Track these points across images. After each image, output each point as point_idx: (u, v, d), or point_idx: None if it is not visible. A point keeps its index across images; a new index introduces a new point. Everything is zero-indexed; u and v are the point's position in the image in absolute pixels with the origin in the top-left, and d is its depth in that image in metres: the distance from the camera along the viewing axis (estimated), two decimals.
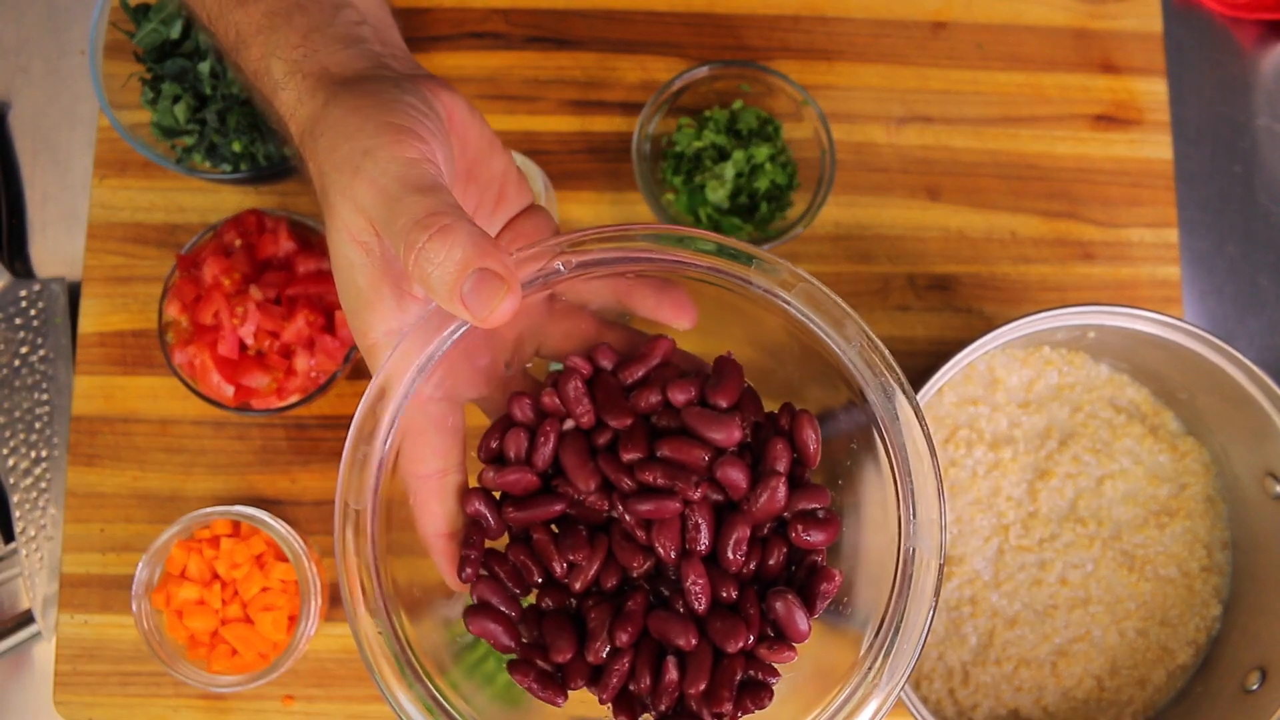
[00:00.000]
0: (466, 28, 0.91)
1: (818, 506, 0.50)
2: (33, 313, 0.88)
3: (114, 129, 0.80)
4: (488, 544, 0.52)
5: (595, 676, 0.49)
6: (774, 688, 0.49)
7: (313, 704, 0.82)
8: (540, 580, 0.51)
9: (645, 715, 0.49)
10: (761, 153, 0.84)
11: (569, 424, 0.51)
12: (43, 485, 0.85)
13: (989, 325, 0.73)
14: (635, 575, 0.50)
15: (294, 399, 0.80)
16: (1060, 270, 0.89)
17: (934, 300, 0.88)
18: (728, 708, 0.47)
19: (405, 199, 0.43)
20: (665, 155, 0.87)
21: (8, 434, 0.86)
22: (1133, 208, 0.90)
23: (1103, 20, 0.93)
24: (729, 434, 0.49)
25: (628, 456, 0.50)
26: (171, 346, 0.79)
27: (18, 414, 0.86)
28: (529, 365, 0.55)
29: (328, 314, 0.80)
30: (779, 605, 0.48)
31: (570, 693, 0.49)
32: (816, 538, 0.49)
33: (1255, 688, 0.74)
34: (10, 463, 0.86)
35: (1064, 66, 0.92)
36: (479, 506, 0.51)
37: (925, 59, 0.91)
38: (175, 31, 0.82)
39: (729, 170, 0.83)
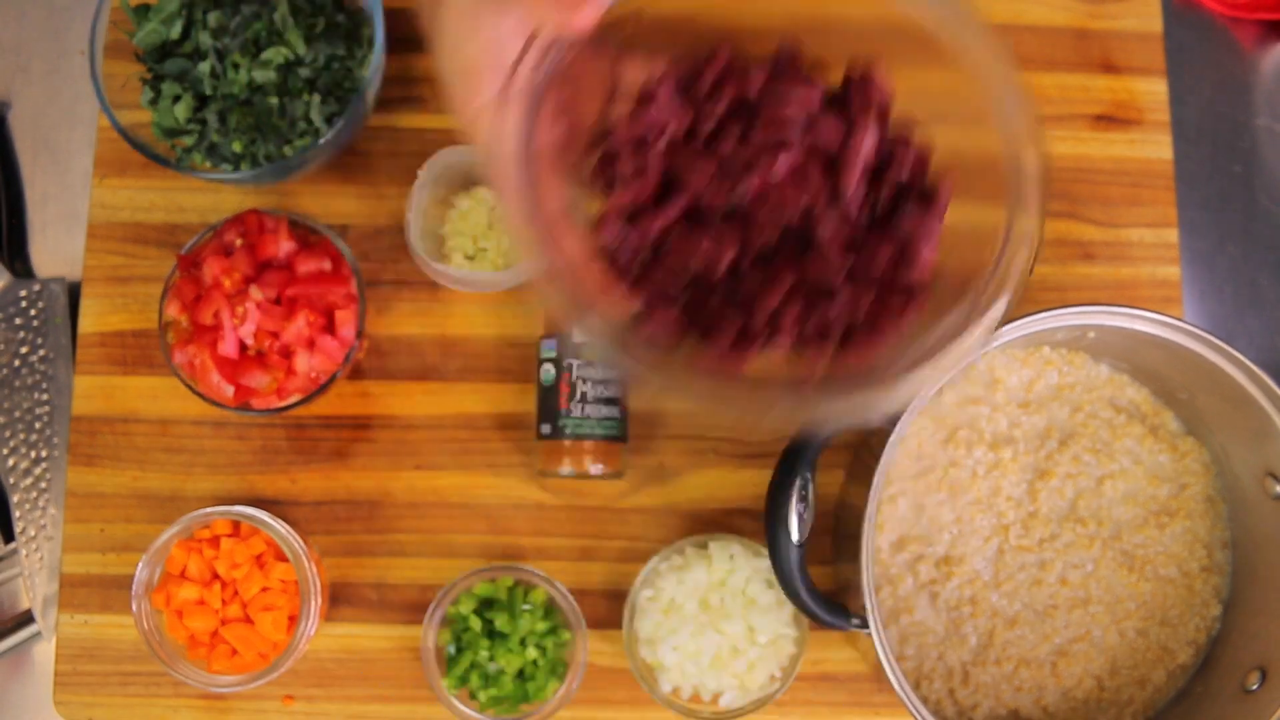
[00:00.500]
0: None
1: (910, 137, 0.54)
2: (33, 313, 0.88)
3: (114, 129, 0.80)
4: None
5: (768, 339, 0.52)
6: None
7: (313, 704, 0.82)
8: (686, 276, 0.53)
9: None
10: None
11: (669, 130, 0.54)
12: (43, 485, 0.85)
13: None
14: (768, 244, 0.53)
15: (294, 399, 0.80)
16: (1060, 270, 0.89)
17: None
18: (891, 325, 0.51)
19: None
20: None
21: (8, 434, 0.86)
22: (1133, 207, 0.90)
23: (1103, 20, 0.93)
24: (811, 94, 0.53)
25: (730, 137, 0.53)
26: (171, 346, 0.79)
27: (18, 414, 0.86)
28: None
29: (328, 314, 0.80)
30: (907, 220, 0.52)
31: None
32: (917, 158, 0.53)
33: (1255, 688, 0.74)
34: (10, 463, 0.86)
35: (1064, 66, 0.92)
36: (614, 229, 0.53)
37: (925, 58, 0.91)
38: (175, 31, 0.82)
39: None
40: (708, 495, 0.85)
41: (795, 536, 0.70)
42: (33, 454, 0.86)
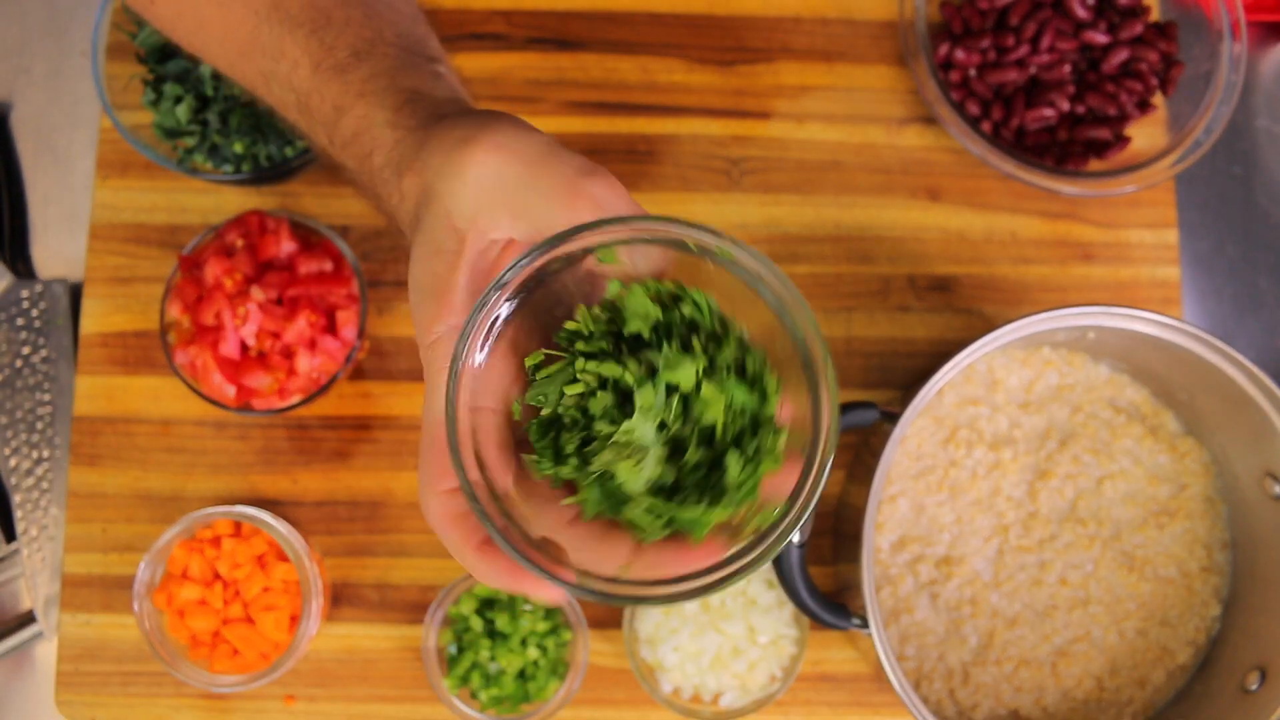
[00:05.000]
0: (468, 29, 0.91)
1: None
2: (34, 313, 0.88)
3: (116, 130, 0.80)
4: None
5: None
6: None
7: (314, 704, 0.83)
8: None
9: None
10: (685, 374, 0.42)
11: None
12: (44, 485, 0.86)
13: (989, 326, 0.73)
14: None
15: (295, 399, 0.80)
16: (1060, 271, 0.89)
17: (934, 301, 0.88)
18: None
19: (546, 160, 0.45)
20: (530, 432, 0.46)
21: (10, 434, 0.86)
22: (1132, 208, 0.90)
23: None
24: None
25: None
26: (173, 347, 0.80)
27: (20, 414, 0.86)
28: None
29: (329, 314, 0.80)
30: None
31: None
32: None
33: (1255, 688, 0.74)
34: (12, 463, 0.86)
35: None
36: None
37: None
38: None
39: (643, 427, 0.43)
40: None
41: (796, 537, 0.70)
42: (35, 454, 0.86)
